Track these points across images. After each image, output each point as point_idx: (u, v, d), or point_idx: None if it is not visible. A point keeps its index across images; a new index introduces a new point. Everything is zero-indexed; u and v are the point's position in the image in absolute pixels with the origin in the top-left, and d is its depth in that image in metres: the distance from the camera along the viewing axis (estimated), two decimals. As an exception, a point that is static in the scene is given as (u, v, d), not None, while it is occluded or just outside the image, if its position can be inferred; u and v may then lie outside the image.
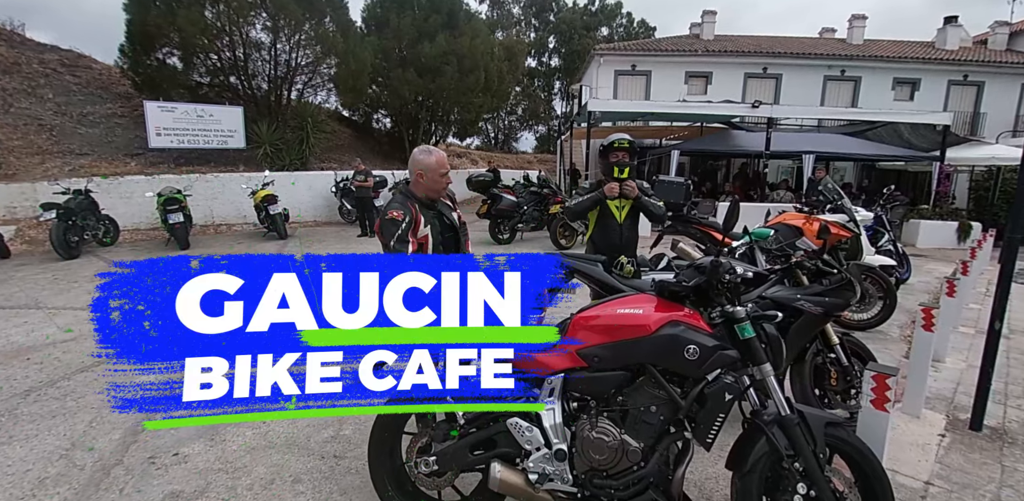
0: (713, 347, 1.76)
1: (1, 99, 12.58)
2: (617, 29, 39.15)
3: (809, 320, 2.63)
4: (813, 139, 12.79)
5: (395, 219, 2.50)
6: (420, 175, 2.62)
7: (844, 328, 4.83)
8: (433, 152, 2.65)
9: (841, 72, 19.81)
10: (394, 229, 2.49)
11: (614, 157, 3.39)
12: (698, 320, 1.84)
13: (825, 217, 4.88)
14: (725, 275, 1.81)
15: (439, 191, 2.68)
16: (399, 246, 2.50)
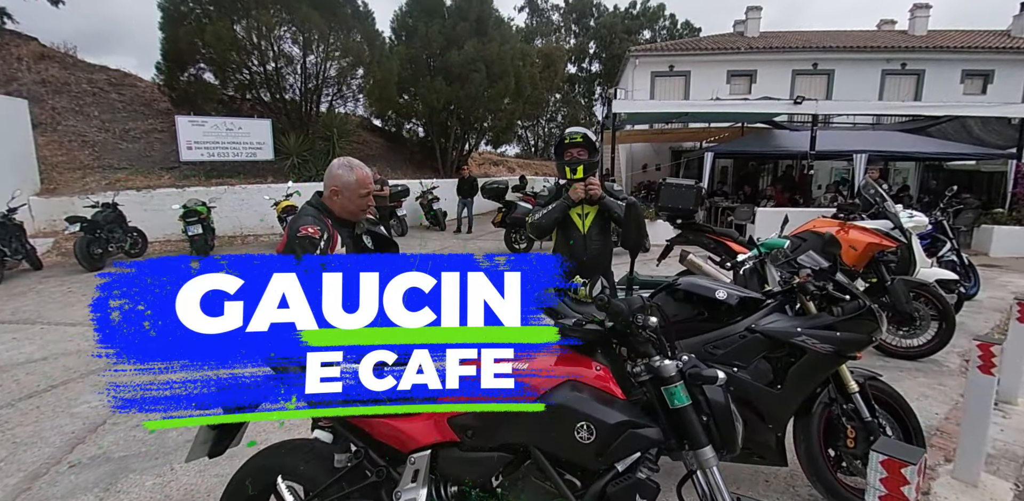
0: (619, 424, 1.21)
1: (50, 117, 13.23)
2: (660, 32, 38.26)
3: (815, 361, 2.02)
4: (866, 137, 11.64)
5: (311, 237, 2.07)
6: (335, 192, 2.21)
7: (889, 356, 4.07)
8: (355, 167, 2.23)
9: (902, 66, 18.30)
10: (312, 249, 2.07)
11: (567, 155, 2.86)
12: (607, 381, 1.30)
13: (864, 224, 4.14)
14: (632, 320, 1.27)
15: (356, 213, 2.28)
16: None
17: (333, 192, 2.21)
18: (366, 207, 2.28)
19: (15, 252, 8.47)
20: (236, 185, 12.57)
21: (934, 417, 3.07)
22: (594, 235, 2.88)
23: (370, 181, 2.27)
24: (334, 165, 2.24)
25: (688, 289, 2.21)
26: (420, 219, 14.42)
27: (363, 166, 2.27)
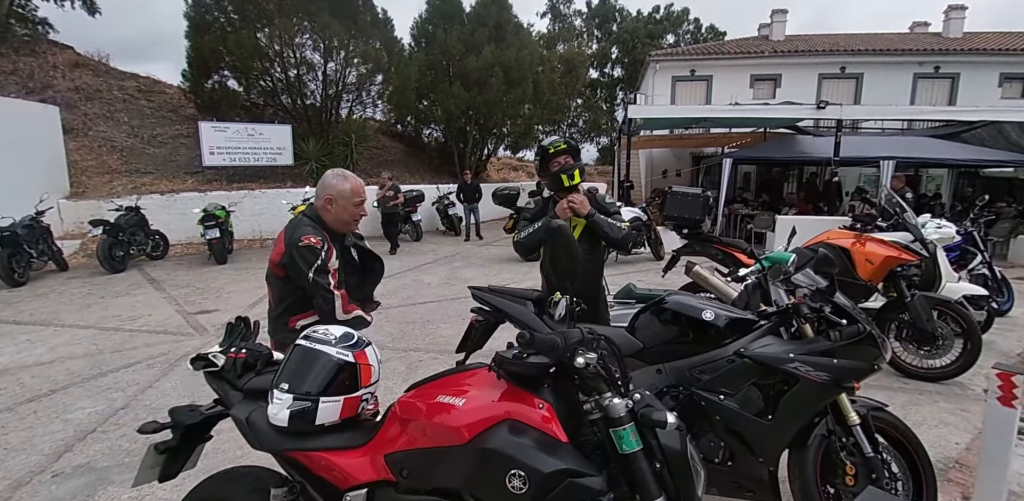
0: (555, 474, 1.09)
1: (82, 123, 13.66)
2: (684, 36, 37.83)
3: (809, 390, 1.87)
4: (894, 143, 11.20)
5: (313, 246, 2.07)
6: (329, 201, 2.19)
7: (909, 377, 3.84)
8: (349, 177, 2.24)
9: (935, 69, 17.67)
10: (313, 258, 2.07)
11: (555, 165, 2.73)
12: (549, 422, 1.18)
13: (882, 236, 3.92)
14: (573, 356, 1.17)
15: (349, 223, 2.26)
16: (320, 277, 2.08)
17: (327, 201, 2.18)
18: (359, 217, 2.26)
19: (41, 254, 8.72)
20: (256, 190, 12.78)
21: (953, 448, 2.86)
22: (583, 250, 2.74)
23: (363, 191, 2.26)
24: (328, 175, 2.24)
25: (674, 308, 2.08)
26: (437, 225, 14.45)
27: (356, 177, 2.26)
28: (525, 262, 8.90)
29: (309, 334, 1.50)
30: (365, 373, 1.46)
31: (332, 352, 1.44)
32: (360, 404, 1.46)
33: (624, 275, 8.12)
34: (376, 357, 1.53)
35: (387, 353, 4.70)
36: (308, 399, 1.38)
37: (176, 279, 8.52)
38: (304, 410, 1.37)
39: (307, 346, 1.45)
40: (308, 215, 2.24)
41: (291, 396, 1.38)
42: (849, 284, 3.82)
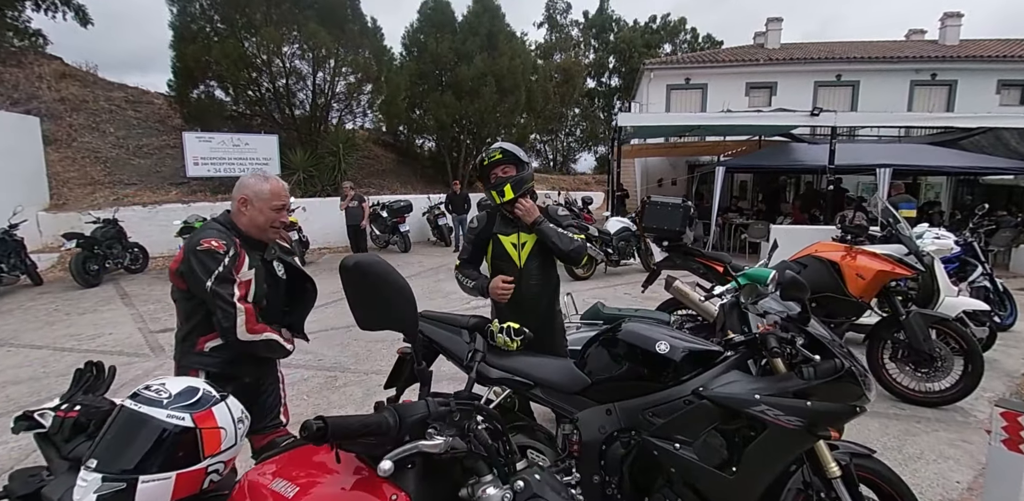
0: None
1: (67, 134, 13.48)
2: (681, 45, 37.88)
3: (779, 438, 1.58)
4: (891, 151, 10.97)
5: (213, 250, 1.78)
6: (244, 202, 1.91)
7: (906, 402, 3.54)
8: (270, 178, 1.98)
9: (932, 76, 17.51)
10: (213, 264, 1.77)
11: (493, 177, 2.43)
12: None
13: (874, 249, 3.64)
14: (415, 437, 0.90)
15: (266, 229, 1.95)
16: (220, 287, 1.77)
17: (242, 202, 1.92)
18: (278, 224, 1.97)
19: (13, 268, 8.46)
20: (242, 201, 12.55)
21: (954, 487, 2.55)
22: (533, 269, 2.44)
23: (285, 195, 1.98)
24: (245, 176, 1.99)
25: (626, 339, 1.80)
26: (428, 235, 14.20)
27: (279, 179, 2.00)
28: (511, 274, 8.62)
29: (138, 392, 1.21)
30: (211, 439, 1.16)
31: (161, 416, 1.14)
32: (205, 478, 1.17)
33: (612, 288, 7.84)
34: (231, 416, 1.24)
35: (347, 376, 4.41)
36: (123, 479, 1.08)
37: (150, 294, 8.24)
38: (117, 494, 1.08)
39: (130, 409, 1.16)
40: (219, 220, 1.97)
41: (99, 476, 1.08)
42: (838, 301, 3.54)
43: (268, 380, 2.09)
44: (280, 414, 2.12)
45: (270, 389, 2.10)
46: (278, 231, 2.00)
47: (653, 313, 3.04)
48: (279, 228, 1.99)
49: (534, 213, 2.37)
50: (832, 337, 1.71)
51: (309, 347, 5.18)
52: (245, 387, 1.94)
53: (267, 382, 2.09)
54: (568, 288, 7.82)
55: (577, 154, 38.92)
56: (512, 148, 2.42)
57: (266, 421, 2.04)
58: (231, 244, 1.83)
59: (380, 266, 1.20)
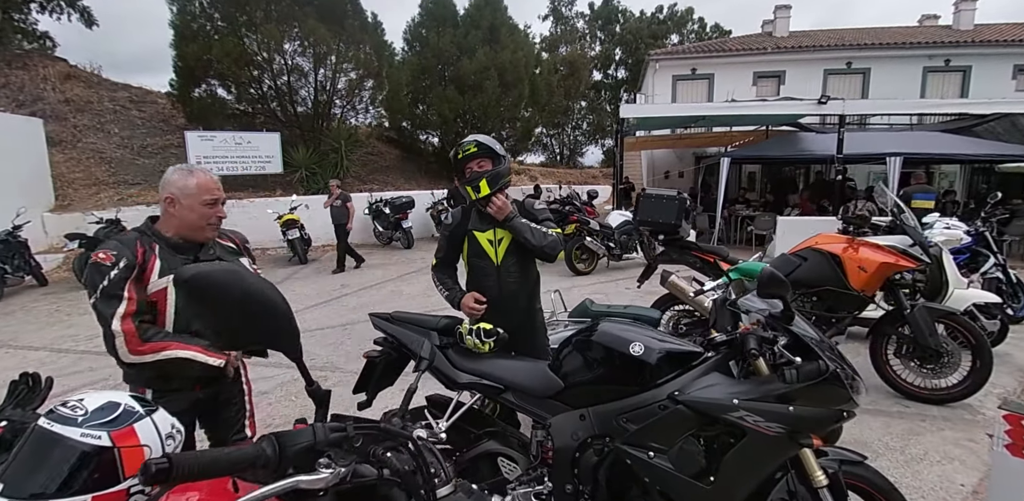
0: None
1: (71, 135, 13.57)
2: (688, 36, 37.39)
3: (759, 446, 1.48)
4: (902, 139, 10.68)
5: (99, 264, 1.66)
6: (171, 201, 1.77)
7: (911, 399, 3.40)
8: (196, 172, 1.82)
9: (945, 62, 17.07)
10: (98, 279, 1.65)
11: (468, 171, 2.32)
12: None
13: (877, 240, 3.50)
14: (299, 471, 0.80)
15: (201, 228, 1.81)
16: (103, 304, 1.65)
17: (168, 202, 1.77)
18: (215, 220, 1.84)
19: (17, 269, 8.52)
20: (244, 199, 12.55)
21: (958, 491, 2.43)
22: (510, 266, 2.34)
23: (217, 188, 1.83)
24: (169, 171, 1.83)
25: (599, 341, 1.70)
26: (432, 231, 14.13)
27: (206, 171, 1.85)
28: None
29: (55, 409, 1.12)
30: (132, 458, 1.07)
31: (75, 435, 1.04)
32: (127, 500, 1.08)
33: (614, 282, 7.72)
34: (157, 432, 1.14)
35: (338, 375, 4.36)
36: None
37: (152, 293, 8.25)
38: None
39: (43, 428, 1.07)
40: (139, 228, 1.84)
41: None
42: (839, 295, 3.41)
43: (229, 392, 1.96)
44: (245, 427, 2.00)
45: (233, 401, 1.98)
46: (216, 228, 1.86)
47: (643, 310, 2.94)
48: (216, 225, 1.85)
49: (507, 209, 2.28)
50: (819, 337, 1.60)
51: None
52: (201, 401, 1.85)
53: (228, 394, 1.96)
54: (569, 283, 7.79)
55: (584, 148, 38.58)
56: (487, 141, 2.32)
57: (230, 435, 1.94)
58: (126, 254, 1.69)
59: (221, 276, 1.05)
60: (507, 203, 2.28)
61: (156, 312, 1.76)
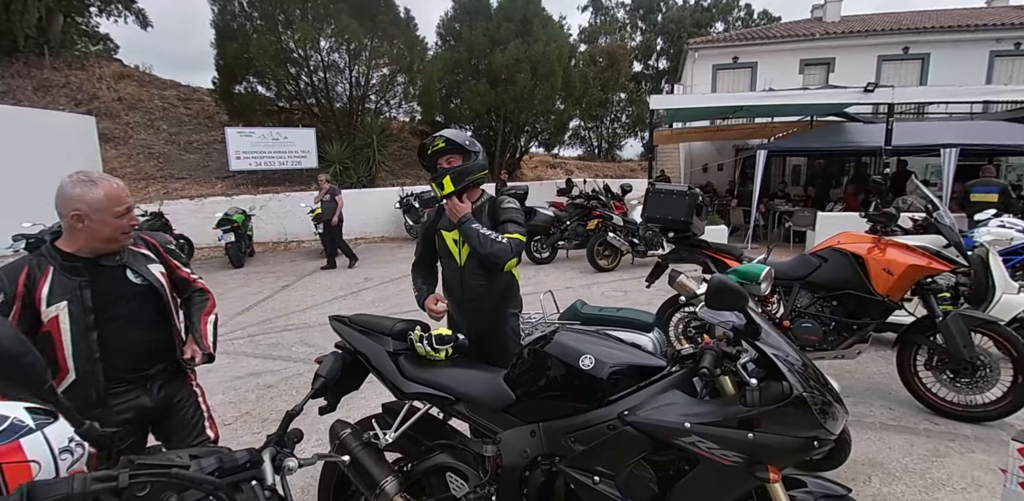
0: None
1: (123, 132, 14.26)
2: (734, 23, 35.95)
3: (715, 476, 1.33)
4: (961, 129, 9.87)
5: None
6: (78, 218, 1.61)
7: (942, 416, 3.11)
8: (98, 181, 1.65)
9: (1016, 45, 15.72)
10: None
11: (438, 167, 2.22)
12: None
13: (907, 240, 3.20)
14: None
15: (115, 240, 1.69)
16: None
17: (75, 219, 1.61)
18: (128, 229, 1.71)
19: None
20: (281, 193, 12.90)
21: (979, 523, 2.18)
22: (475, 268, 2.22)
23: (126, 195, 1.69)
24: (64, 184, 1.64)
25: (551, 352, 1.58)
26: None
27: (109, 178, 1.71)
28: (534, 266, 8.38)
29: None
30: (16, 474, 1.02)
31: None
32: None
33: (636, 280, 7.48)
34: (49, 447, 1.08)
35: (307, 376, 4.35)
36: None
37: (187, 284, 8.56)
38: None
39: None
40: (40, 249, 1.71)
41: None
42: (862, 300, 3.13)
43: (177, 397, 1.88)
44: (206, 429, 1.93)
45: (184, 406, 1.90)
46: (130, 236, 1.75)
47: (638, 313, 2.77)
48: (131, 233, 1.73)
49: (460, 211, 2.15)
50: (794, 354, 1.42)
51: (312, 340, 5.19)
52: (147, 409, 1.80)
53: (176, 400, 1.88)
54: (590, 280, 7.61)
55: (623, 141, 37.80)
56: (456, 136, 2.21)
57: (190, 441, 1.87)
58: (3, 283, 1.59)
59: None
60: (459, 204, 2.16)
61: (51, 345, 1.63)
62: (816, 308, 3.30)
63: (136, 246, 1.84)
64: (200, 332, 1.95)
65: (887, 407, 3.27)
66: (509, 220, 2.23)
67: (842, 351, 3.24)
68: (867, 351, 3.71)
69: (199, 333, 1.94)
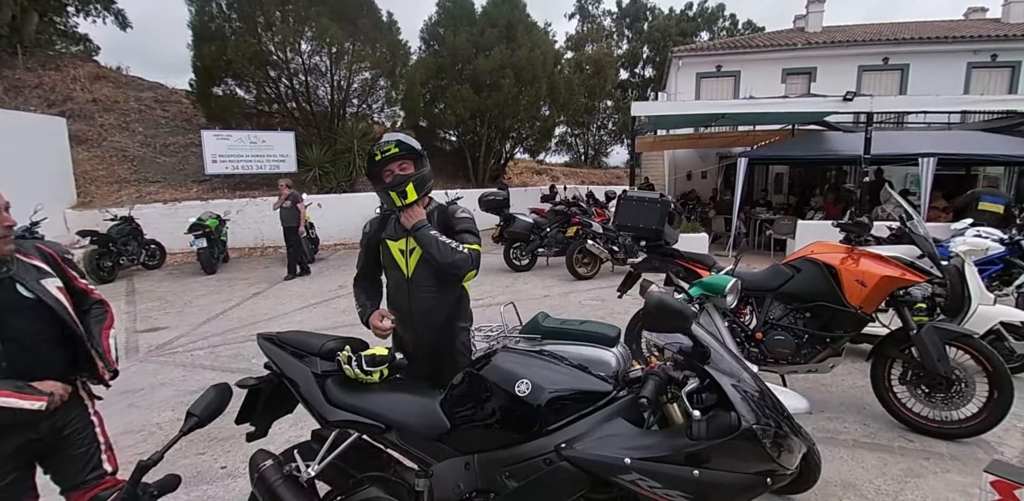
0: None
1: (97, 134, 13.92)
2: (719, 33, 36.40)
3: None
4: (939, 138, 9.96)
5: None
6: None
7: (917, 432, 3.02)
8: None
9: (992, 57, 16.02)
10: None
11: (387, 174, 2.05)
12: None
13: (880, 250, 3.11)
14: None
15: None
16: None
17: None
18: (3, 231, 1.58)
19: (31, 265, 8.70)
20: (259, 197, 12.64)
21: (953, 551, 2.07)
22: (423, 279, 2.07)
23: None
24: None
25: (487, 376, 1.44)
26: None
27: None
28: (512, 273, 8.25)
29: None
30: None
31: None
32: None
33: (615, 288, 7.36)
34: None
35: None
36: None
37: (156, 291, 8.31)
38: None
39: None
40: None
41: None
42: (835, 312, 3.04)
43: (69, 428, 1.71)
44: (103, 462, 1.77)
45: (78, 437, 1.73)
46: (9, 240, 1.60)
47: (601, 327, 2.62)
48: (8, 236, 1.59)
49: (416, 216, 2.02)
50: (747, 378, 1.30)
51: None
52: (34, 442, 1.63)
53: (70, 430, 1.72)
54: (569, 288, 7.49)
55: (609, 147, 37.98)
56: (409, 140, 2.07)
57: (84, 475, 1.71)
58: None
59: None
60: (415, 210, 2.03)
61: None
62: (789, 320, 3.20)
63: (29, 257, 1.67)
64: (103, 347, 1.78)
65: (862, 423, 3.17)
66: (466, 230, 2.10)
67: (815, 365, 3.14)
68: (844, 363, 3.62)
69: (102, 348, 1.77)
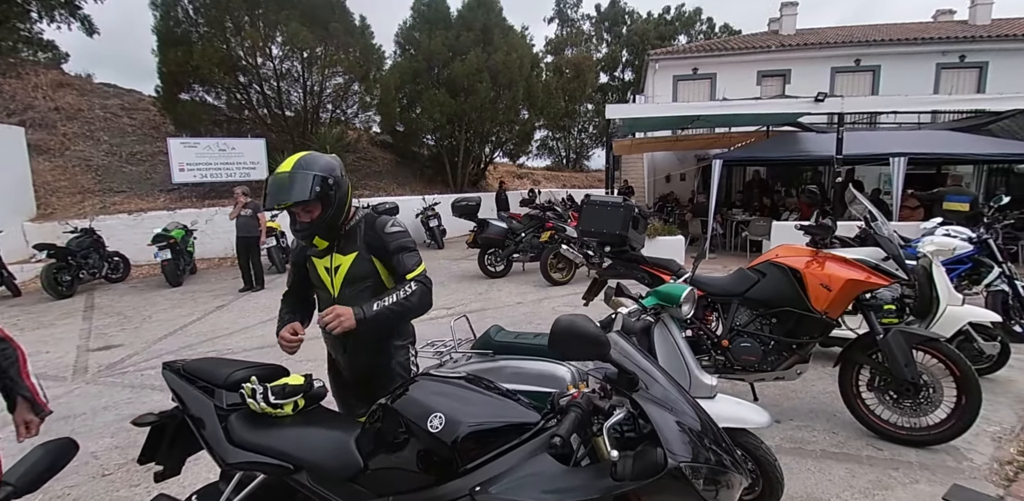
0: None
1: (60, 143, 13.48)
2: (696, 36, 36.81)
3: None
4: (909, 138, 10.06)
5: None
6: None
7: (887, 440, 2.93)
8: None
9: (960, 58, 16.34)
10: None
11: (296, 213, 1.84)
12: None
13: (845, 253, 3.02)
14: None
15: None
16: None
17: None
18: None
19: (-11, 280, 8.34)
20: (228, 206, 12.32)
21: (921, 573, 1.96)
22: (350, 297, 1.88)
23: None
24: None
25: (398, 409, 1.28)
26: (422, 237, 13.78)
27: None
28: (487, 280, 8.09)
29: None
30: None
31: None
32: None
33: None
34: None
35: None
36: None
37: (116, 305, 8.00)
38: None
39: None
40: None
41: None
42: (800, 317, 2.94)
43: None
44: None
45: None
46: None
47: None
48: None
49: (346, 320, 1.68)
50: (686, 408, 1.16)
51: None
52: None
53: None
54: (543, 294, 7.35)
55: (591, 151, 38.10)
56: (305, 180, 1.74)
57: None
58: None
59: None
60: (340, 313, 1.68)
61: None
62: (755, 326, 3.10)
63: None
64: (29, 390, 1.60)
65: (830, 431, 3.08)
66: (401, 249, 1.89)
67: (782, 372, 3.03)
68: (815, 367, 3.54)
69: (27, 392, 1.59)
